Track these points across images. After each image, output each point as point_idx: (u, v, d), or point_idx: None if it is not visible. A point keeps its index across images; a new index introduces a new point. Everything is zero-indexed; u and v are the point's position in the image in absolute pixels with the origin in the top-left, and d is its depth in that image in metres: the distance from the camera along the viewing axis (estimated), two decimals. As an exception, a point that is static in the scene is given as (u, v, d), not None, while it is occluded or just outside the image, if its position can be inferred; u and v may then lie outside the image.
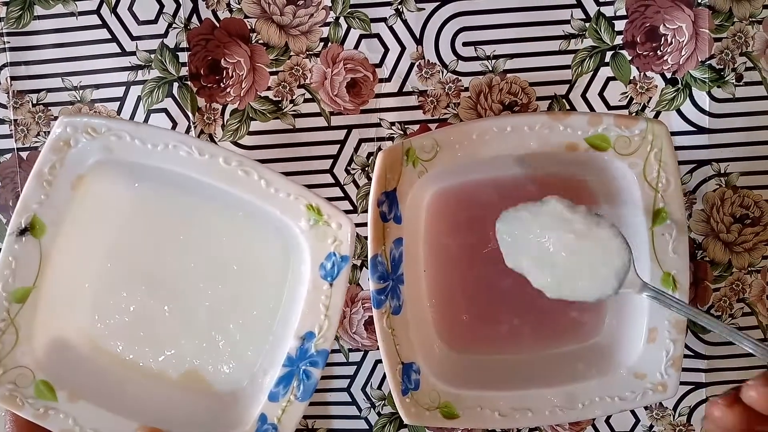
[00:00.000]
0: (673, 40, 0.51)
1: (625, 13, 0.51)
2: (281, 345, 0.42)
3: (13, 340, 0.41)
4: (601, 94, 0.52)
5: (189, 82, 0.53)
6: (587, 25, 0.52)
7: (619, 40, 0.52)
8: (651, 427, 0.54)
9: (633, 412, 0.54)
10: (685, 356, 0.50)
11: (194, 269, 0.44)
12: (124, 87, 0.53)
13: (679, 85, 0.52)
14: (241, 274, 0.45)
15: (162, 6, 0.52)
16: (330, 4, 0.52)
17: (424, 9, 0.52)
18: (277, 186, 0.40)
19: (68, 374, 0.42)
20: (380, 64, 0.53)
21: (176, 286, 0.45)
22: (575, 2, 0.51)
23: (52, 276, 0.42)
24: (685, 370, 0.49)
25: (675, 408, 0.54)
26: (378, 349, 0.44)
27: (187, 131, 0.53)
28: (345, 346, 0.54)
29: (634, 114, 0.52)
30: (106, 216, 0.44)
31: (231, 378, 0.45)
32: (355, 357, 0.54)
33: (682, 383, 0.48)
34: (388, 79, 0.53)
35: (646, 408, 0.54)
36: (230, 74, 0.53)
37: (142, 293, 0.45)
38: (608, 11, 0.51)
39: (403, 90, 0.53)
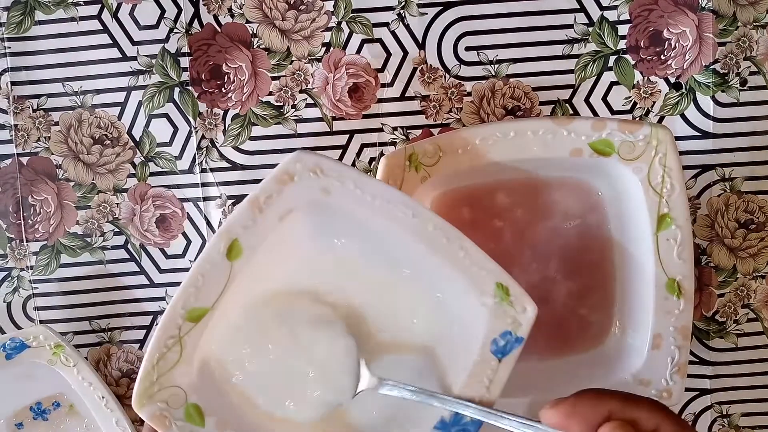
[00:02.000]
0: (677, 44, 0.51)
1: (629, 18, 0.51)
2: (431, 407, 0.40)
3: (176, 359, 0.39)
4: (604, 99, 0.52)
5: (190, 87, 0.52)
6: (590, 29, 0.51)
7: (622, 44, 0.52)
8: (656, 434, 0.54)
9: (637, 419, 0.54)
10: (690, 362, 0.50)
11: (362, 324, 0.42)
12: (125, 92, 0.53)
13: (683, 90, 0.52)
14: (404, 336, 0.43)
15: (163, 11, 0.52)
16: (332, 9, 0.52)
17: (426, 14, 0.52)
18: (474, 259, 0.40)
19: (217, 402, 0.40)
20: (382, 69, 0.52)
21: (338, 348, 0.42)
22: (578, 7, 0.51)
23: (229, 301, 0.40)
24: (689, 376, 0.49)
25: (680, 415, 0.54)
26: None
27: (189, 136, 0.53)
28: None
29: (637, 119, 0.52)
30: (295, 255, 0.42)
31: (374, 428, 0.42)
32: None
33: (686, 390, 0.48)
34: (391, 84, 0.52)
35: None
36: (232, 79, 0.52)
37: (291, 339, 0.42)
38: (611, 16, 0.51)
39: (406, 95, 0.52)
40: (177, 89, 0.53)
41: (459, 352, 0.41)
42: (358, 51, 0.52)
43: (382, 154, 0.52)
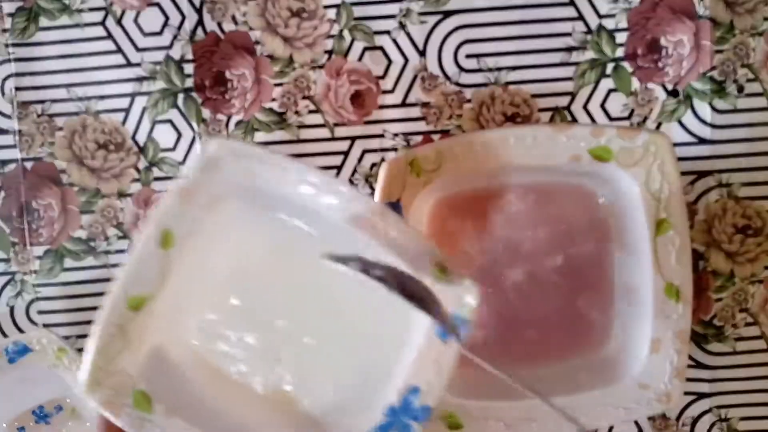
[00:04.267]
0: (674, 52, 0.52)
1: (627, 26, 0.52)
2: (380, 392, 0.41)
3: (121, 347, 0.40)
4: (602, 106, 0.53)
5: (194, 94, 0.53)
6: (589, 37, 0.52)
7: (620, 52, 0.52)
8: (654, 437, 0.54)
9: (637, 422, 0.54)
10: (689, 366, 0.50)
11: (304, 303, 0.44)
12: (129, 98, 0.53)
13: (681, 97, 0.52)
14: (349, 317, 0.44)
15: (167, 18, 0.52)
16: (334, 17, 0.52)
17: (427, 22, 0.52)
18: (409, 240, 0.40)
19: (166, 388, 0.41)
20: (384, 76, 0.53)
21: (285, 317, 0.44)
22: (577, 15, 0.52)
23: (170, 288, 0.41)
24: (688, 380, 0.49)
25: (678, 418, 0.54)
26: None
27: (192, 142, 0.53)
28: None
29: (635, 125, 0.52)
30: (232, 238, 0.43)
31: (323, 412, 0.43)
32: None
33: (685, 393, 0.48)
34: (392, 91, 0.53)
35: (649, 418, 0.54)
36: (235, 86, 0.53)
37: (251, 318, 0.44)
38: (609, 24, 0.52)
39: (407, 101, 0.53)
40: (181, 96, 0.53)
41: (405, 336, 0.42)
42: (360, 58, 0.53)
43: (383, 160, 0.53)
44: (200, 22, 0.52)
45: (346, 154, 0.53)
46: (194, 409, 0.42)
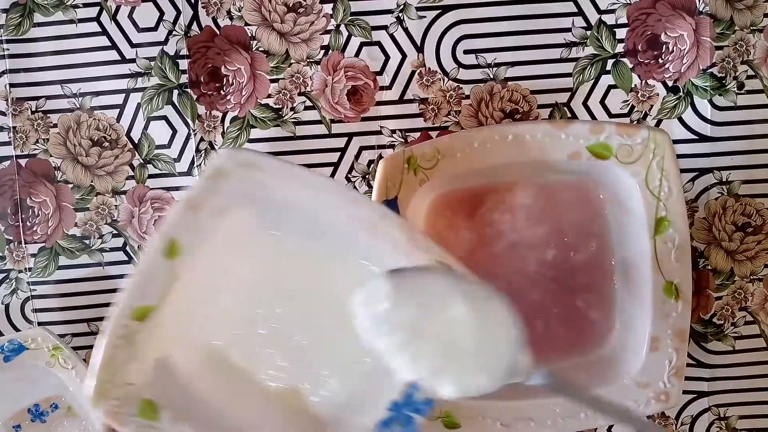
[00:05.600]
0: (675, 48, 0.51)
1: (627, 22, 0.51)
2: (382, 389, 0.41)
3: (126, 357, 0.40)
4: (602, 102, 0.52)
5: (189, 90, 0.52)
6: (588, 33, 0.52)
7: (620, 48, 0.52)
8: (653, 436, 0.54)
9: (635, 421, 0.54)
10: (688, 365, 0.50)
11: (309, 307, 0.44)
12: (124, 94, 0.53)
13: (681, 94, 0.52)
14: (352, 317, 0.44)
15: (162, 13, 0.52)
16: (331, 12, 0.52)
17: (425, 17, 0.52)
18: (412, 241, 0.40)
19: (173, 396, 0.41)
20: (381, 72, 0.52)
21: (293, 327, 0.43)
22: (576, 10, 0.51)
23: (176, 298, 0.41)
24: (687, 379, 0.49)
25: (677, 417, 0.54)
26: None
27: (188, 139, 0.53)
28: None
29: (635, 122, 0.52)
30: (240, 249, 0.43)
31: (332, 411, 0.43)
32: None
33: (684, 392, 0.48)
34: (389, 87, 0.53)
35: (648, 417, 0.54)
36: (231, 82, 0.52)
37: (257, 329, 0.43)
38: (609, 19, 0.51)
39: (404, 98, 0.53)
40: (176, 92, 0.53)
41: None
42: (357, 54, 0.52)
43: (380, 157, 0.52)
44: (195, 17, 0.52)
45: (343, 150, 0.53)
46: (202, 417, 0.41)
